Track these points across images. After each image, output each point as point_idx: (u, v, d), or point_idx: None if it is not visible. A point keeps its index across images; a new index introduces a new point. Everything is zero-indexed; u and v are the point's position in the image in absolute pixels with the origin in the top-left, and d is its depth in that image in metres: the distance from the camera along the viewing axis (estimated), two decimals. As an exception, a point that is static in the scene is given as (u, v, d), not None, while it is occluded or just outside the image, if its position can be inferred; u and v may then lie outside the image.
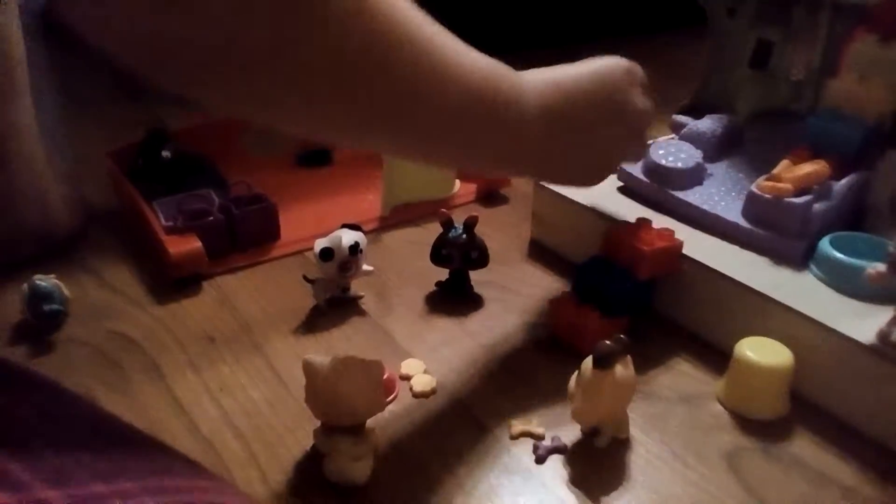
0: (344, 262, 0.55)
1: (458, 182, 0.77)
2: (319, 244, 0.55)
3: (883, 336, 0.43)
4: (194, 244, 0.60)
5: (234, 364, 0.51)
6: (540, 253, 0.66)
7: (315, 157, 0.82)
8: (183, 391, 0.49)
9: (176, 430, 0.45)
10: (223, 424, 0.46)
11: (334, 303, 0.58)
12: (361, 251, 0.56)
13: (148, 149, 0.72)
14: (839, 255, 0.49)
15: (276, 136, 0.85)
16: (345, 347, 0.53)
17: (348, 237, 0.56)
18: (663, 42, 1.27)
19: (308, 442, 0.44)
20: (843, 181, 0.53)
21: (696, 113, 0.73)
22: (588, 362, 0.41)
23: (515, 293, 0.60)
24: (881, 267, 0.43)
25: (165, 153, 0.71)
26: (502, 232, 0.69)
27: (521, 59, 0.44)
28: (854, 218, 0.54)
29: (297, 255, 0.65)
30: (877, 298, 0.47)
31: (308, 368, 0.41)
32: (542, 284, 0.61)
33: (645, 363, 0.51)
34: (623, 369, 0.42)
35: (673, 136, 0.69)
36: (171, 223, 0.63)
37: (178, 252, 0.59)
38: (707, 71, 0.73)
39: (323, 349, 0.53)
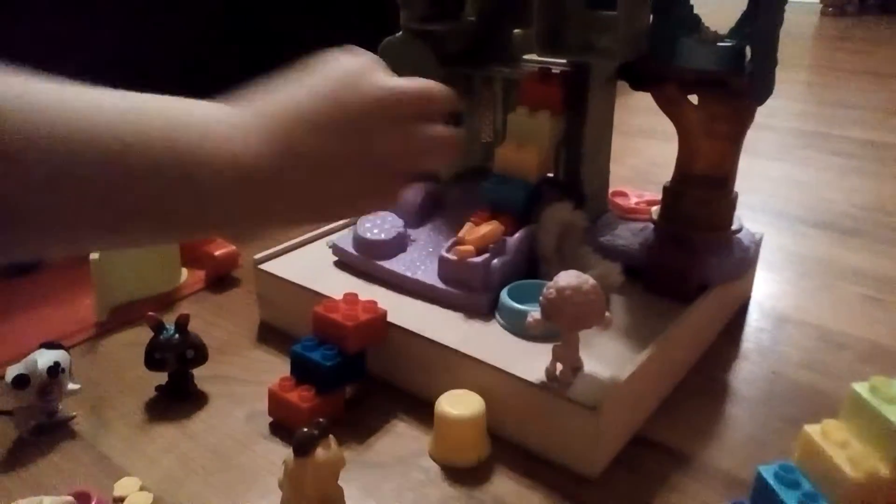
0: (43, 387, 0.52)
1: (185, 271, 0.76)
2: (11, 371, 0.52)
3: (549, 373, 0.50)
4: None
5: (-86, 527, 0.46)
6: (270, 336, 0.67)
7: (18, 265, 0.76)
8: None
9: None
10: None
11: (42, 430, 0.54)
12: (63, 370, 0.53)
13: None
14: (511, 303, 0.56)
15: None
16: (54, 481, 0.50)
17: (45, 358, 0.53)
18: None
19: None
20: (515, 237, 0.61)
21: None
22: (290, 452, 0.43)
23: (243, 383, 0.60)
24: (536, 314, 0.50)
25: None
26: (232, 318, 0.70)
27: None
28: (530, 267, 0.62)
29: (-3, 381, 0.59)
30: (548, 338, 0.54)
31: (-15, 523, 0.38)
32: (271, 369, 0.61)
33: (364, 431, 0.54)
34: (324, 451, 0.44)
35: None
36: None
37: None
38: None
39: (30, 488, 0.49)
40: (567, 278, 0.48)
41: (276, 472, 0.46)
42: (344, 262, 0.67)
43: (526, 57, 0.73)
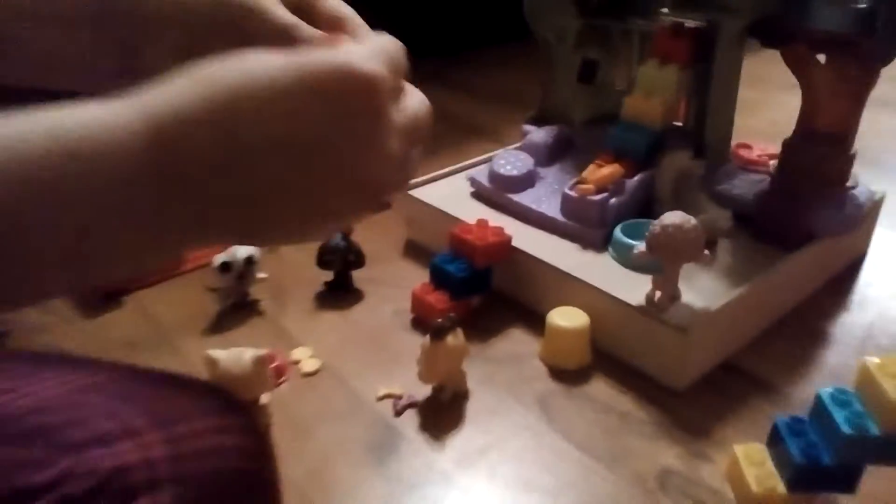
0: (241, 273, 0.67)
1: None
2: (218, 259, 0.67)
3: (648, 299, 0.58)
4: (113, 266, 0.70)
5: (155, 358, 0.62)
6: (414, 250, 0.79)
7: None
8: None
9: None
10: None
11: (237, 306, 0.69)
12: (255, 262, 0.68)
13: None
14: (622, 238, 0.63)
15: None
16: (246, 343, 0.65)
17: (243, 251, 0.67)
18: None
19: (216, 418, 0.55)
20: (635, 179, 0.68)
21: (542, 122, 0.87)
22: (427, 337, 0.54)
23: (391, 286, 0.72)
24: (642, 247, 0.57)
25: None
26: (384, 234, 0.82)
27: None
28: (646, 207, 0.69)
29: (205, 267, 0.75)
30: (653, 271, 0.61)
31: (207, 360, 0.53)
32: (413, 277, 0.73)
33: (486, 333, 0.64)
34: (454, 339, 0.55)
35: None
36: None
37: (99, 274, 0.69)
38: (544, 86, 0.87)
39: (228, 345, 0.64)
40: (672, 217, 0.55)
41: (415, 355, 0.57)
42: (479, 194, 0.77)
43: (663, 10, 0.78)
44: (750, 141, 0.81)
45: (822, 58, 0.66)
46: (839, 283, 0.71)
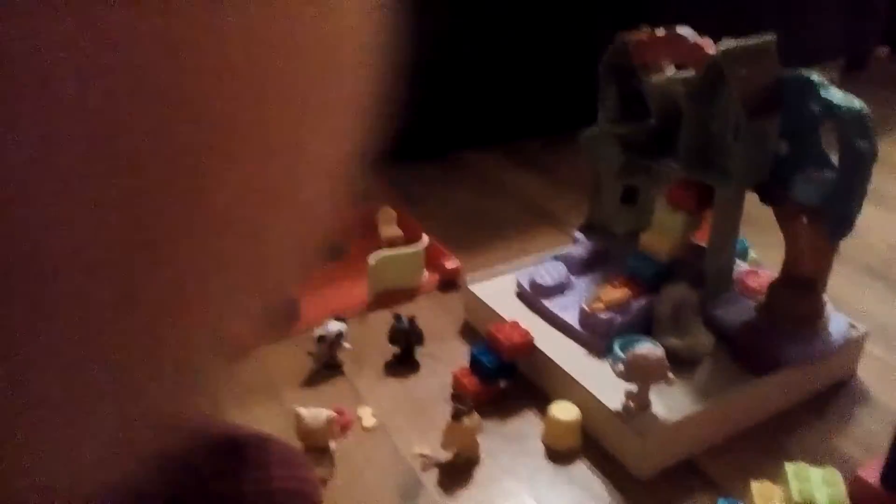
0: (331, 344, 0.90)
1: (426, 273, 1.11)
2: (316, 332, 0.90)
3: (623, 406, 0.75)
4: (243, 325, 0.96)
5: (263, 403, 0.86)
6: (469, 332, 0.99)
7: (331, 252, 1.17)
8: (238, 417, 0.84)
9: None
10: (253, 442, 0.81)
11: (327, 366, 0.92)
12: (343, 335, 0.91)
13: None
14: (617, 351, 0.80)
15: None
16: (327, 397, 0.87)
17: (334, 327, 0.90)
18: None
19: (299, 454, 0.78)
20: (640, 302, 0.84)
21: (590, 230, 1.05)
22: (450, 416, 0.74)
23: (443, 362, 0.93)
24: (621, 367, 0.74)
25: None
26: (448, 313, 1.03)
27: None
28: (648, 325, 0.85)
29: (310, 330, 0.99)
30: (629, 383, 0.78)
31: (295, 415, 0.76)
32: (461, 356, 0.93)
33: (504, 412, 0.83)
34: (469, 420, 0.74)
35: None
36: (230, 309, 0.99)
37: (233, 331, 0.95)
38: (592, 202, 1.04)
39: (314, 397, 0.87)
40: (641, 348, 0.72)
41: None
42: (521, 294, 0.96)
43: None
44: (754, 269, 0.94)
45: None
46: (818, 404, 0.84)
